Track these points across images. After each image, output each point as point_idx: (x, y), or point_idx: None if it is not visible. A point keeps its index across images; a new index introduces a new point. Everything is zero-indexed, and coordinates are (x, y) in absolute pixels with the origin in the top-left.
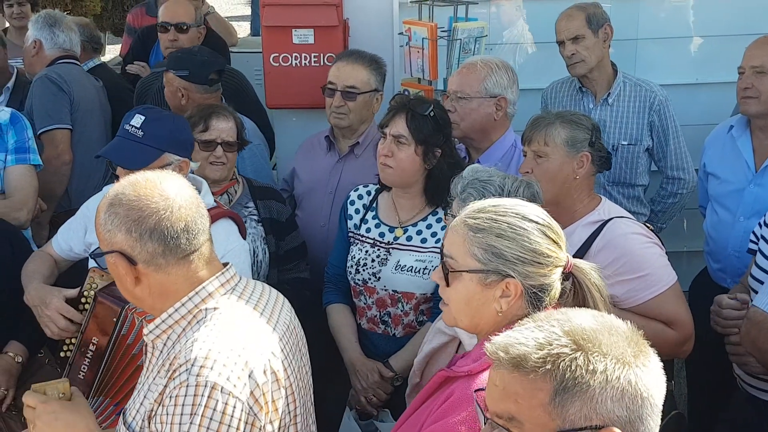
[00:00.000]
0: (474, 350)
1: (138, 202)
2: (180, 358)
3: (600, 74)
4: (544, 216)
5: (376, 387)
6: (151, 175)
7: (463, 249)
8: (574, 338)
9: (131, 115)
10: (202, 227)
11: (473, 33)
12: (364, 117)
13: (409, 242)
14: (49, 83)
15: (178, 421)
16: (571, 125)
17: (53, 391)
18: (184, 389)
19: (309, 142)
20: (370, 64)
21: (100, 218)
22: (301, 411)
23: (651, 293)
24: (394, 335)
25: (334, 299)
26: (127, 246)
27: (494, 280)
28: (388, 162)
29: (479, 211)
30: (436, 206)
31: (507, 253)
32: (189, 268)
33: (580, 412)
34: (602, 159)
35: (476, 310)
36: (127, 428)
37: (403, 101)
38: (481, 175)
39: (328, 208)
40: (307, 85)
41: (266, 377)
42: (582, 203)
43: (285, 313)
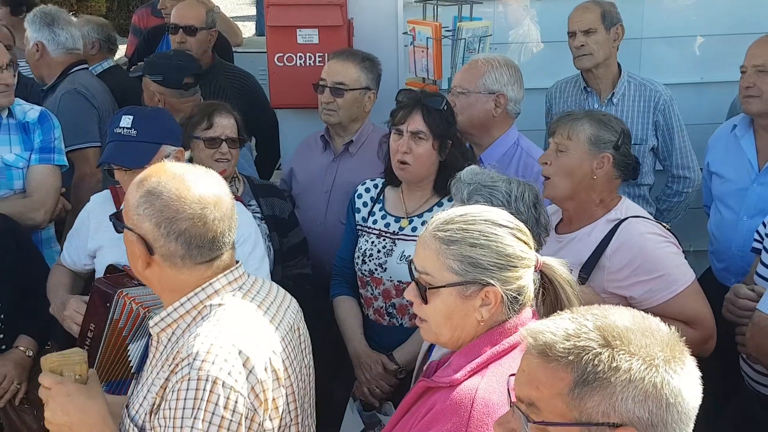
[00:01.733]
0: (454, 360)
1: (177, 202)
2: (182, 352)
3: (606, 73)
4: (511, 219)
5: (379, 379)
6: (194, 172)
7: (437, 263)
8: (603, 334)
9: (118, 118)
10: (229, 240)
11: (478, 32)
12: (354, 114)
13: (414, 233)
14: (81, 98)
15: (181, 416)
16: (599, 124)
17: (69, 373)
18: (186, 383)
19: (306, 142)
20: (361, 62)
21: (134, 199)
22: (300, 411)
23: (670, 293)
24: (401, 325)
25: (341, 291)
26: (152, 237)
27: (474, 291)
28: (407, 158)
29: (447, 222)
30: (442, 196)
31: (483, 261)
32: (204, 272)
33: (598, 407)
34: (627, 165)
35: (458, 323)
36: (131, 421)
37: (414, 97)
38: (484, 180)
39: (323, 207)
40: (311, 85)
41: (267, 375)
42: (602, 204)
43: (290, 313)
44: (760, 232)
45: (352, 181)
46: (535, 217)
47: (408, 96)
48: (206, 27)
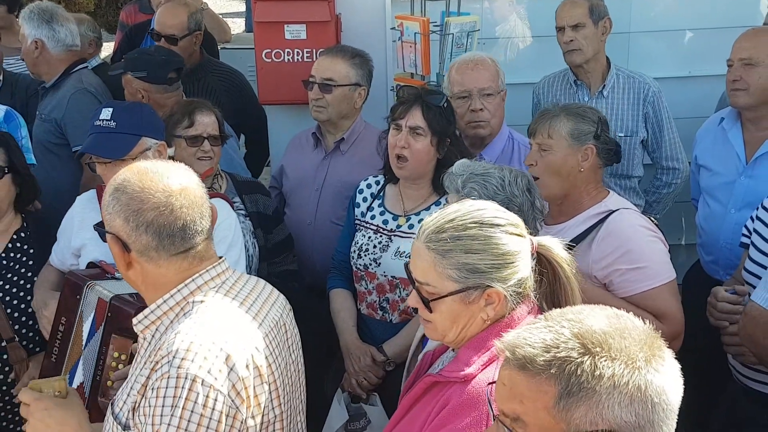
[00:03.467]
0: (462, 354)
1: (140, 193)
2: (163, 349)
3: (595, 66)
4: (503, 214)
5: (367, 370)
6: (161, 166)
7: (436, 274)
8: (582, 341)
9: (99, 111)
10: (201, 228)
11: (466, 27)
12: (343, 111)
13: (410, 230)
14: (91, 97)
15: (160, 413)
16: (576, 118)
17: (49, 389)
18: (166, 381)
19: (297, 139)
20: (351, 58)
21: (105, 199)
22: (286, 408)
23: (646, 285)
24: (390, 321)
25: (337, 284)
26: (123, 233)
27: (476, 295)
28: (405, 153)
29: (438, 231)
30: (442, 195)
31: (481, 265)
32: (181, 264)
33: (585, 417)
34: (609, 152)
35: (464, 325)
36: (115, 419)
37: (415, 93)
38: (476, 169)
39: (314, 206)
40: (299, 81)
41: (249, 372)
42: (589, 195)
43: (276, 309)
44: (749, 226)
45: (343, 179)
46: (530, 201)
47: (409, 92)
48: (189, 33)
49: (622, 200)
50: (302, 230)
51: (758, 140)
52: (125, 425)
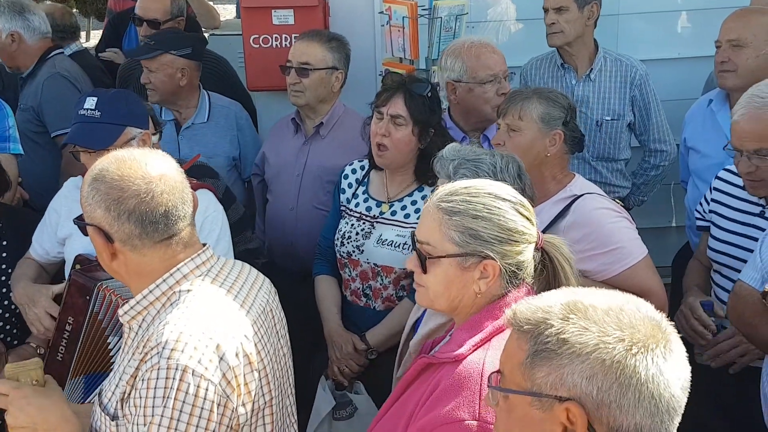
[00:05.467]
0: (456, 335)
1: (120, 181)
2: (152, 340)
3: (582, 50)
4: (515, 194)
5: (349, 358)
6: (138, 153)
7: (439, 234)
8: (566, 309)
9: (82, 100)
10: (183, 213)
11: (454, 11)
12: (321, 95)
13: (393, 217)
14: (65, 82)
15: (151, 404)
16: (548, 102)
17: (26, 378)
18: (156, 372)
19: (277, 126)
20: (328, 42)
21: (84, 190)
22: (276, 394)
23: (623, 266)
24: (374, 308)
25: (322, 270)
26: (105, 223)
27: (473, 263)
28: (385, 141)
29: (452, 194)
30: (423, 182)
31: (484, 233)
32: (166, 252)
33: (546, 379)
34: (575, 140)
35: (456, 294)
36: (103, 409)
37: (399, 81)
38: (468, 154)
39: (295, 191)
40: None
41: (238, 360)
42: (554, 180)
43: (262, 295)
44: (700, 210)
45: (323, 164)
46: (521, 188)
47: (393, 79)
48: (171, 18)
49: (587, 184)
50: (285, 216)
51: None
52: (113, 415)
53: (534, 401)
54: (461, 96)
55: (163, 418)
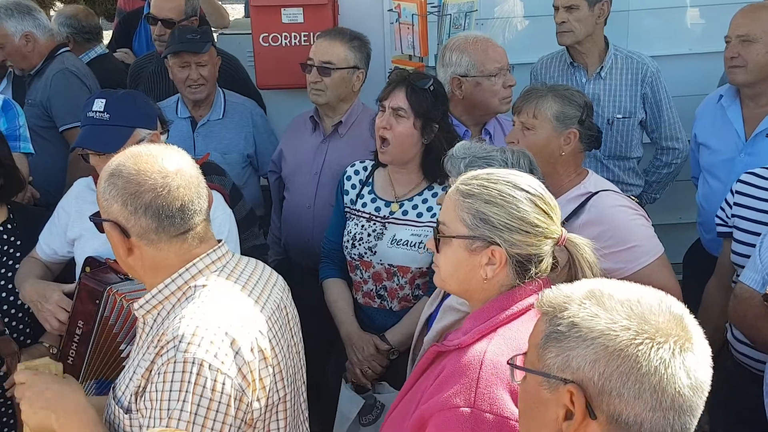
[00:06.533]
0: (465, 323)
1: (137, 176)
2: (168, 334)
3: (591, 48)
4: (537, 186)
5: (371, 360)
6: (154, 148)
7: (453, 215)
8: (586, 295)
9: (91, 102)
10: (199, 208)
11: (463, 8)
12: (342, 94)
13: (405, 216)
14: (73, 77)
15: (168, 398)
16: (563, 100)
17: (44, 370)
18: (172, 365)
19: (295, 123)
20: (350, 41)
21: (101, 186)
22: (290, 390)
23: (639, 264)
24: (390, 309)
25: (330, 274)
26: (122, 218)
27: (480, 246)
28: (386, 135)
29: (472, 177)
30: (432, 181)
31: (494, 219)
32: (182, 246)
33: (555, 360)
34: (591, 138)
35: (464, 276)
36: (117, 403)
37: (402, 75)
38: (478, 152)
39: (313, 189)
40: (296, 65)
41: (253, 355)
42: (568, 178)
43: (276, 292)
44: (721, 216)
45: (341, 162)
46: None
47: (397, 74)
48: (186, 17)
49: (601, 181)
50: (302, 214)
51: (757, 117)
52: (127, 408)
53: (543, 381)
54: (468, 91)
55: (183, 412)
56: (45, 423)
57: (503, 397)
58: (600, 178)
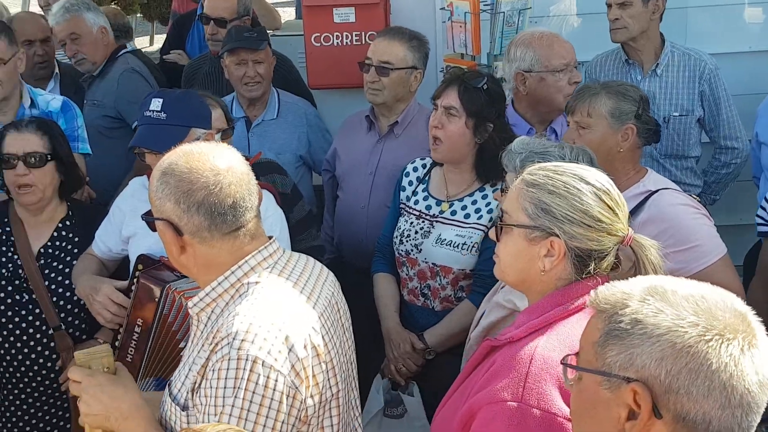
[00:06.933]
0: (519, 317)
1: (189, 174)
2: (222, 331)
3: (646, 44)
4: (604, 181)
5: (406, 357)
6: (205, 146)
7: (516, 204)
8: (647, 291)
9: (148, 101)
10: (250, 205)
11: (517, 6)
12: (399, 94)
13: (452, 216)
14: (139, 77)
15: (222, 395)
16: (617, 96)
17: (98, 365)
18: (227, 362)
19: (350, 122)
20: (409, 40)
21: (153, 185)
22: (343, 386)
23: (701, 264)
24: (432, 308)
25: (380, 268)
26: (175, 216)
27: (538, 236)
28: (438, 134)
29: (540, 168)
30: (485, 182)
31: (555, 210)
32: (234, 243)
33: (616, 358)
34: (649, 132)
35: (522, 267)
36: (173, 400)
37: (456, 73)
38: (536, 147)
39: (367, 189)
40: (348, 65)
41: (307, 352)
42: (627, 176)
43: (327, 287)
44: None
45: (396, 163)
46: None
47: (452, 72)
48: (238, 17)
49: (661, 179)
50: (356, 214)
51: None
52: (183, 406)
53: (603, 381)
54: (531, 86)
55: (234, 408)
56: (103, 424)
57: (552, 393)
58: (659, 176)
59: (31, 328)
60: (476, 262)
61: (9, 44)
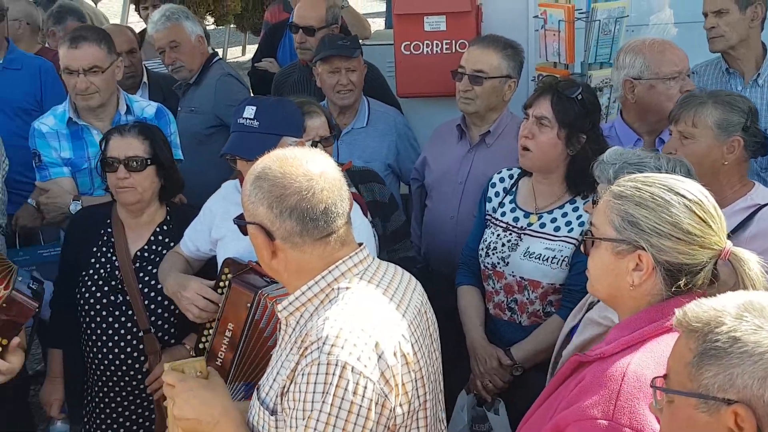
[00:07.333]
0: (610, 333)
1: (282, 179)
2: (311, 335)
3: (747, 53)
4: (697, 192)
5: (493, 374)
6: (299, 151)
7: (604, 216)
8: (742, 308)
9: (242, 108)
10: (342, 211)
11: (613, 13)
12: (492, 104)
13: (542, 229)
14: (235, 81)
15: (311, 399)
16: (725, 107)
17: (191, 370)
18: (316, 367)
19: (440, 131)
20: (503, 49)
21: (246, 189)
22: (430, 397)
23: None
24: (519, 323)
25: (465, 281)
26: (267, 220)
27: (625, 250)
28: (528, 144)
29: (629, 179)
30: (575, 194)
31: (643, 222)
32: (325, 249)
33: (714, 379)
34: (757, 145)
35: (611, 282)
36: (261, 403)
37: (550, 82)
38: (630, 158)
39: (457, 199)
40: (438, 73)
41: (396, 359)
42: (732, 189)
43: (416, 296)
44: None
45: (487, 173)
46: None
47: (545, 81)
48: (326, 25)
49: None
50: (444, 224)
51: None
52: (272, 410)
53: (700, 404)
54: (640, 94)
55: (322, 413)
56: (195, 428)
57: (644, 413)
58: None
59: (122, 329)
60: (566, 277)
61: (108, 53)
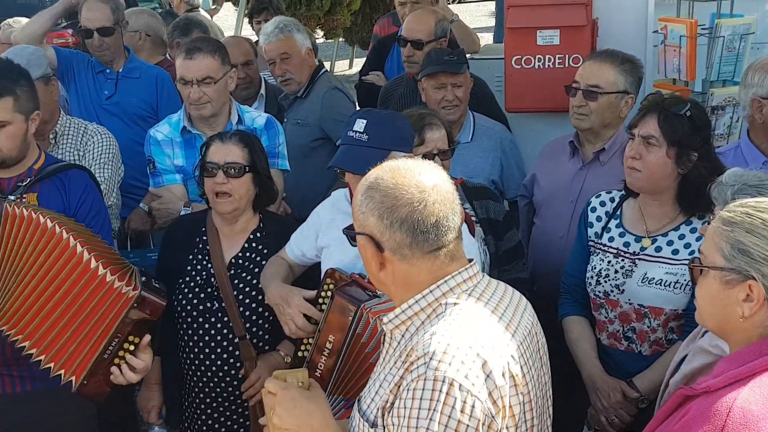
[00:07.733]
0: (718, 366)
1: (394, 190)
2: (417, 350)
3: None
4: None
5: (618, 407)
6: (412, 163)
7: (712, 244)
8: None
9: (353, 121)
10: (453, 225)
11: (738, 30)
12: (607, 120)
13: (658, 253)
14: (342, 95)
15: (416, 416)
16: None
17: (293, 379)
18: (422, 383)
19: (552, 147)
20: (621, 64)
21: (357, 199)
22: (537, 422)
23: None
24: (639, 352)
25: (571, 311)
26: (377, 231)
27: (735, 279)
28: (636, 165)
29: (740, 205)
30: (689, 215)
31: (753, 251)
32: (434, 263)
33: None
34: None
35: (719, 312)
36: (362, 416)
37: (655, 100)
38: (750, 179)
39: (568, 218)
40: (549, 88)
41: (504, 380)
42: None
43: (527, 317)
44: None
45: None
46: None
47: (649, 99)
48: (434, 39)
49: None
50: (553, 243)
51: None
52: (373, 423)
53: None
54: None
55: (429, 431)
56: None
57: None
58: None
59: (218, 336)
60: (688, 301)
61: (222, 64)
